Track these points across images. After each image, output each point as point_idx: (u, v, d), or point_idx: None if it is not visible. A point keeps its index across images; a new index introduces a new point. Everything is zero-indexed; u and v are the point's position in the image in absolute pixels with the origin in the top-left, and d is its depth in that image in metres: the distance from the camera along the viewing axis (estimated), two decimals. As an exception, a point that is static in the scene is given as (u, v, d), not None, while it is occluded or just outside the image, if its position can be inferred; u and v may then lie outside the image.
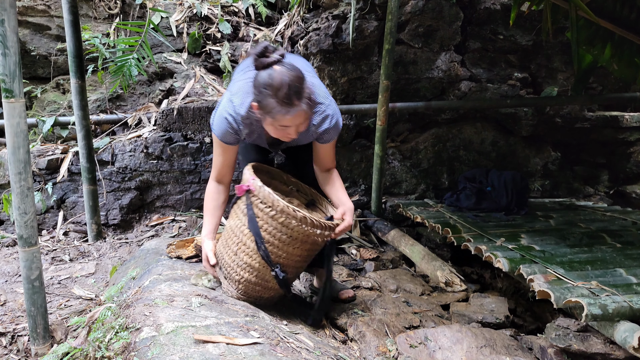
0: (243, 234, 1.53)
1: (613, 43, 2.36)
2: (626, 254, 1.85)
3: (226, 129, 1.57)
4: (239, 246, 1.55)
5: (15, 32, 1.37)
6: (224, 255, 1.60)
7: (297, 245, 1.51)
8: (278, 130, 1.49)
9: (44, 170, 2.89)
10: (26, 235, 1.46)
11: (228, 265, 1.58)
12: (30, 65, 3.27)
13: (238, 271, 1.55)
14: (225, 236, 1.62)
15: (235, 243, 1.56)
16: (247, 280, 1.55)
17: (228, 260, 1.58)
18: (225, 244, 1.60)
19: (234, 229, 1.57)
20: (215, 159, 1.68)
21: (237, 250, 1.55)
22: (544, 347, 1.48)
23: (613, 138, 3.39)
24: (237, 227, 1.56)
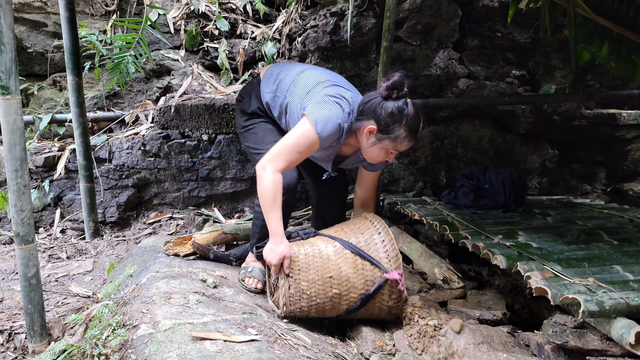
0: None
1: (611, 40, 2.36)
2: (623, 251, 1.85)
3: (333, 133, 1.59)
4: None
5: (12, 28, 1.36)
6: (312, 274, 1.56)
7: None
8: (385, 153, 1.63)
9: (41, 168, 2.88)
10: (23, 233, 1.45)
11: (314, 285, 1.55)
12: (27, 62, 3.25)
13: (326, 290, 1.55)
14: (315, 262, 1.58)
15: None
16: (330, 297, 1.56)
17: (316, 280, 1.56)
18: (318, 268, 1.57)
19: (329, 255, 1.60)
20: (293, 154, 1.59)
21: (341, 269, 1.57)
22: (541, 344, 1.49)
23: (610, 136, 3.39)
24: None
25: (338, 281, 1.55)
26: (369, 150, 1.63)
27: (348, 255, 1.58)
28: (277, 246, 1.56)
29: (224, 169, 3.02)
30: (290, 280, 1.55)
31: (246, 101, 1.93)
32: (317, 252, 1.59)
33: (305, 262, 1.57)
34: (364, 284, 1.56)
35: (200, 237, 2.08)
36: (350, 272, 1.56)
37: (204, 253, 2.00)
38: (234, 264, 2.08)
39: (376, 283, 1.55)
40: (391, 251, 1.59)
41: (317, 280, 1.55)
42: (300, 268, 1.56)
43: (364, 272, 1.57)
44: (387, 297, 1.57)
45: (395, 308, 1.61)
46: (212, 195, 3.04)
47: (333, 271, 1.56)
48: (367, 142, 1.61)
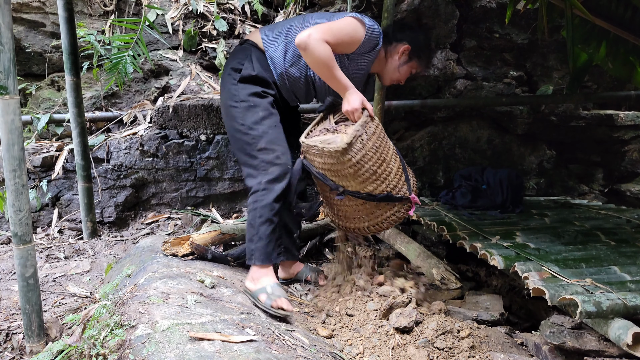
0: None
1: (608, 41, 2.37)
2: (620, 251, 1.86)
3: (377, 36, 1.74)
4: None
5: (10, 28, 1.36)
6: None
7: None
8: (407, 73, 1.87)
9: (39, 168, 2.87)
10: (21, 233, 1.45)
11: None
12: (25, 62, 3.25)
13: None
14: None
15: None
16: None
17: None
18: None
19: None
20: (337, 36, 1.62)
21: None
22: (539, 344, 1.49)
23: (608, 136, 3.41)
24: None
25: (385, 166, 1.68)
26: (395, 70, 1.84)
27: (398, 159, 1.77)
28: (356, 94, 1.66)
29: (222, 169, 3.01)
30: (364, 131, 1.61)
31: (247, 65, 1.77)
32: (384, 134, 1.73)
33: (378, 133, 1.69)
34: (394, 187, 1.71)
35: (198, 237, 2.08)
36: (394, 170, 1.72)
37: (202, 253, 2.00)
38: (232, 264, 2.08)
39: (400, 194, 1.72)
40: (414, 183, 1.82)
41: (377, 151, 1.65)
42: (375, 132, 1.66)
43: (399, 178, 1.74)
44: (395, 211, 1.76)
45: (385, 225, 1.80)
46: (210, 195, 3.04)
47: (388, 157, 1.70)
48: (399, 61, 1.82)
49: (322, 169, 1.69)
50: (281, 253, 1.90)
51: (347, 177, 1.65)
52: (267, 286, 1.67)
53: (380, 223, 1.79)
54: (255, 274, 1.73)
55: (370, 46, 1.75)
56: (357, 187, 1.67)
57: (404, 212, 1.76)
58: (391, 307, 1.63)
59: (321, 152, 1.62)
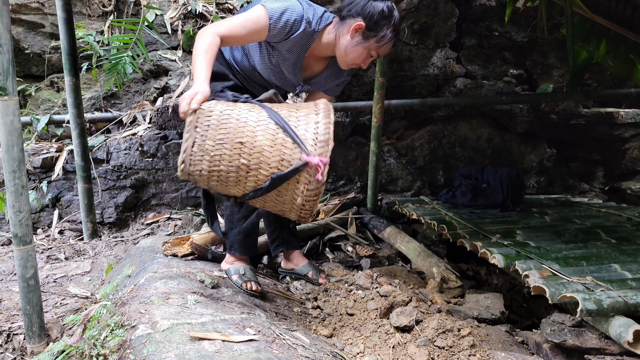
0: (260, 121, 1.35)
1: (608, 39, 2.37)
2: (621, 249, 1.86)
3: (289, 19, 1.51)
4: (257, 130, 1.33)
5: (9, 29, 1.36)
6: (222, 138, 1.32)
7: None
8: (366, 55, 1.59)
9: (39, 169, 2.87)
10: (21, 234, 1.45)
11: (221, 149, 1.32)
12: (24, 63, 3.25)
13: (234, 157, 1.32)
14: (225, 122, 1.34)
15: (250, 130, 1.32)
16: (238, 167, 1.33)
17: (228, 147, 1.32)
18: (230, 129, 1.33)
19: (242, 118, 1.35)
20: (237, 27, 1.50)
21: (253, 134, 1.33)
22: (539, 343, 1.49)
23: (608, 134, 3.40)
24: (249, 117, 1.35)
25: (249, 151, 1.31)
26: (351, 50, 1.57)
27: (270, 126, 1.33)
28: (194, 87, 1.36)
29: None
30: (196, 134, 1.30)
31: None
32: (236, 114, 1.35)
33: (218, 119, 1.33)
34: (279, 163, 1.31)
35: (198, 237, 2.08)
36: (266, 145, 1.32)
37: (202, 253, 2.00)
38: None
39: (293, 165, 1.30)
40: (322, 134, 1.33)
41: (226, 143, 1.31)
42: (210, 125, 1.32)
43: (282, 148, 1.32)
44: (303, 186, 1.33)
45: (308, 205, 1.36)
46: (210, 195, 3.04)
47: (246, 137, 1.32)
48: (352, 41, 1.56)
49: (208, 189, 1.42)
50: (280, 245, 2.08)
51: (222, 186, 1.38)
52: (241, 268, 1.84)
53: (302, 206, 1.37)
54: (232, 257, 1.90)
55: (285, 32, 1.54)
56: (241, 191, 1.37)
57: (314, 181, 1.32)
58: (391, 306, 1.63)
59: (182, 176, 1.36)
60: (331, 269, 2.25)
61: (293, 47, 1.60)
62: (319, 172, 1.31)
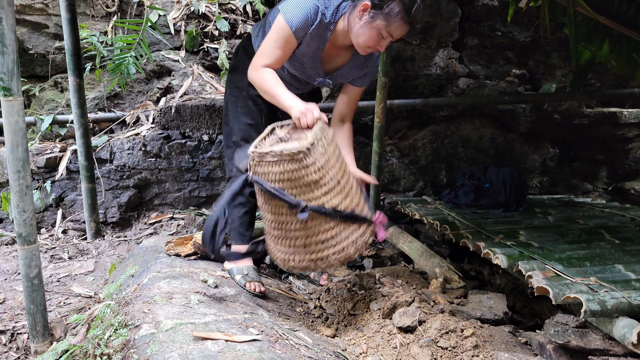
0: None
1: (611, 39, 2.36)
2: (625, 250, 1.85)
3: (304, 21, 1.54)
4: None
5: (13, 30, 1.37)
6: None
7: None
8: (377, 36, 1.52)
9: (43, 169, 2.88)
10: (25, 234, 1.46)
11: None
12: (28, 64, 3.26)
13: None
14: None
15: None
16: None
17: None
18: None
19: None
20: (273, 50, 1.56)
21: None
22: (543, 343, 1.49)
23: (611, 134, 3.39)
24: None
25: (347, 178, 1.49)
26: (362, 32, 1.52)
27: (355, 183, 1.56)
28: (305, 103, 1.45)
29: (224, 169, 3.02)
30: (322, 136, 1.41)
31: (234, 56, 1.90)
32: (339, 148, 1.54)
33: (334, 136, 1.53)
34: (356, 206, 1.50)
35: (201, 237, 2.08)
36: (354, 186, 1.53)
37: (205, 253, 2.00)
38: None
39: (364, 215, 1.51)
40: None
41: (337, 159, 1.46)
42: (329, 134, 1.47)
43: (360, 198, 1.55)
44: (358, 235, 1.50)
45: (353, 248, 1.49)
46: (212, 195, 3.05)
47: (347, 170, 1.52)
48: (361, 22, 1.51)
49: (280, 181, 1.42)
50: None
51: (310, 186, 1.40)
52: (244, 268, 1.84)
53: (346, 247, 1.49)
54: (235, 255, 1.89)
55: (303, 33, 1.58)
56: (320, 201, 1.42)
57: (369, 235, 1.52)
58: (394, 307, 1.63)
59: (280, 158, 1.38)
60: (333, 268, 2.25)
61: (311, 41, 1.63)
62: (380, 234, 1.56)
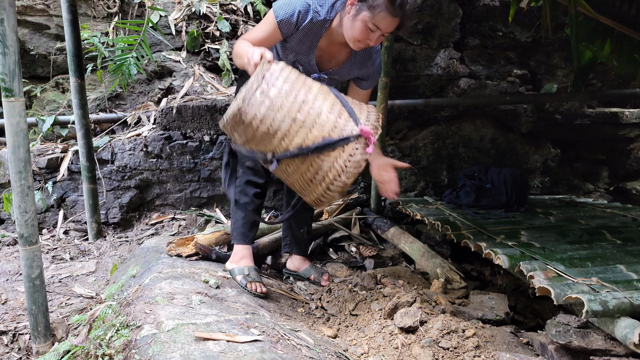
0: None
1: (613, 39, 2.36)
2: (626, 250, 1.85)
3: (293, 12, 1.56)
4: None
5: (15, 31, 1.37)
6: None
7: None
8: (365, 29, 1.50)
9: (44, 169, 2.89)
10: (27, 234, 1.46)
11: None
12: (30, 65, 3.27)
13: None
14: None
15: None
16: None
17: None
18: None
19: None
20: (257, 33, 1.59)
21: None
22: (544, 344, 1.48)
23: (613, 134, 3.39)
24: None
25: (308, 109, 1.34)
26: (350, 26, 1.53)
27: (330, 97, 1.40)
28: (258, 49, 1.40)
29: (226, 170, 3.02)
30: (262, 82, 1.33)
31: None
32: (303, 78, 1.41)
33: (287, 75, 1.37)
34: (331, 129, 1.35)
35: (203, 237, 2.08)
36: (324, 109, 1.36)
37: (206, 253, 2.01)
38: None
39: (344, 135, 1.34)
40: (373, 120, 1.41)
41: (289, 95, 1.33)
42: (278, 77, 1.35)
43: (337, 118, 1.37)
44: (346, 157, 1.36)
45: (337, 184, 1.39)
46: (214, 195, 3.05)
47: (309, 97, 1.36)
48: (349, 15, 1.53)
49: (245, 143, 1.43)
50: (286, 245, 2.15)
51: (266, 138, 1.36)
52: (245, 268, 1.84)
53: (336, 177, 1.38)
54: (236, 256, 1.90)
55: (293, 26, 1.60)
56: (282, 146, 1.36)
57: (361, 152, 1.36)
58: (395, 307, 1.63)
59: (231, 122, 1.38)
60: (335, 269, 2.25)
61: (304, 38, 1.64)
62: (369, 146, 1.35)
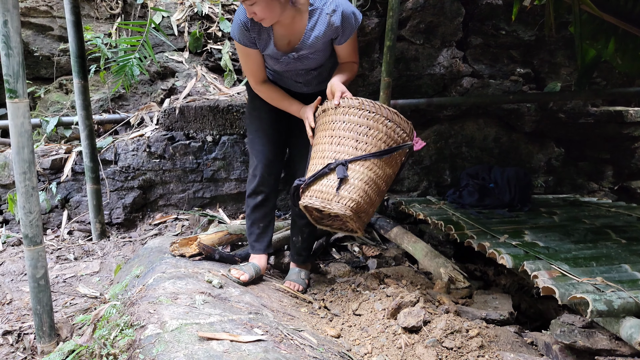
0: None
1: (617, 37, 2.35)
2: (631, 249, 1.84)
3: (240, 29, 1.71)
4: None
5: (19, 32, 1.38)
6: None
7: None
8: (249, 12, 1.61)
9: (48, 170, 2.90)
10: (31, 235, 1.47)
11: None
12: (34, 66, 3.28)
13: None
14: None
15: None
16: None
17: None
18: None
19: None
20: (246, 67, 1.82)
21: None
22: (549, 344, 1.48)
23: (617, 133, 3.37)
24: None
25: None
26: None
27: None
28: (301, 110, 1.77)
29: (229, 170, 3.03)
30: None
31: None
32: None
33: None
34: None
35: (206, 237, 2.09)
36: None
37: (210, 253, 2.01)
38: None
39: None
40: (406, 127, 1.74)
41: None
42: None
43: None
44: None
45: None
46: (216, 196, 3.05)
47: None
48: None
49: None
50: (289, 249, 2.22)
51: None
52: (248, 263, 1.95)
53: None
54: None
55: (248, 39, 1.74)
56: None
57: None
58: (399, 307, 1.62)
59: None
60: (338, 269, 2.25)
61: (260, 36, 1.73)
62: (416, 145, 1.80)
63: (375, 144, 1.65)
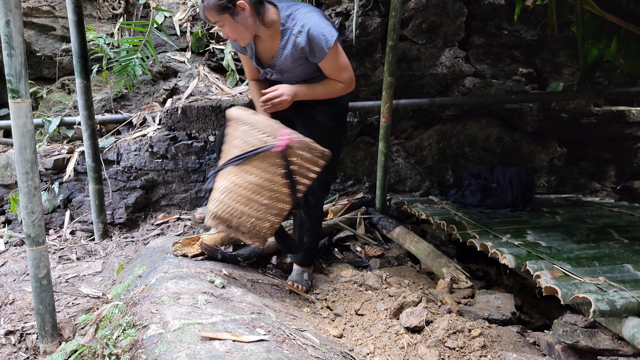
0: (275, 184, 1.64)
1: (619, 37, 2.34)
2: (634, 249, 1.84)
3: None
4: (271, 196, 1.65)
5: (21, 32, 1.38)
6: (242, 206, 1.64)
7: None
8: (223, 33, 1.73)
9: (51, 170, 2.91)
10: (34, 235, 1.47)
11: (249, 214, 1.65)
12: (36, 66, 3.29)
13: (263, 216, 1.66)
14: (243, 189, 1.64)
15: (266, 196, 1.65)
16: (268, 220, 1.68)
17: (250, 211, 1.65)
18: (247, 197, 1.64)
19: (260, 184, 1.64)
20: (246, 70, 2.01)
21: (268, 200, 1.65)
22: (551, 344, 1.48)
23: (620, 133, 3.36)
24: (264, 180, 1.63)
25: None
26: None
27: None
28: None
29: (231, 170, 3.02)
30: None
31: None
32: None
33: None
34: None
35: (208, 237, 2.09)
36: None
37: (212, 253, 2.01)
38: (242, 264, 2.08)
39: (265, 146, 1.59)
40: (266, 127, 1.61)
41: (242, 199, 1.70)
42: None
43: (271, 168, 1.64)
44: (307, 156, 1.64)
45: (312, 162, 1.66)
46: (219, 196, 3.05)
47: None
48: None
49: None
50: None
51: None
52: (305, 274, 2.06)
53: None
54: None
55: (241, 49, 1.90)
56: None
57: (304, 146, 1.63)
58: (401, 307, 1.62)
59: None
60: (340, 269, 2.25)
61: (247, 49, 1.87)
62: (287, 141, 1.61)
63: (232, 152, 1.64)
